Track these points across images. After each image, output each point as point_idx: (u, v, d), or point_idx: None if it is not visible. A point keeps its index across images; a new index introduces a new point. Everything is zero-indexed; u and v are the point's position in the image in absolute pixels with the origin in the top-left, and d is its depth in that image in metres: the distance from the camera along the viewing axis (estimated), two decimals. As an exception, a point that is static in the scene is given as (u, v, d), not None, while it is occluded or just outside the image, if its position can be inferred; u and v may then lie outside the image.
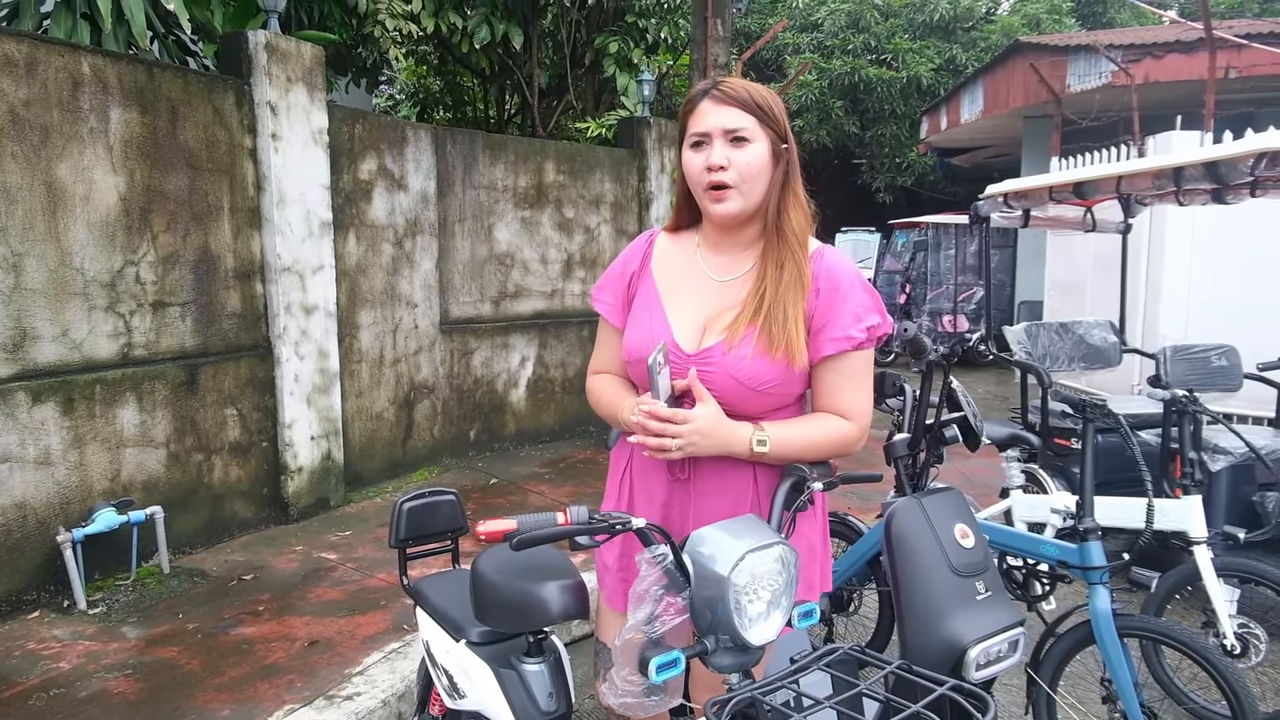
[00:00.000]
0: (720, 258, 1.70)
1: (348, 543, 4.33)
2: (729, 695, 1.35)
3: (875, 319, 1.63)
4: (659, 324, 1.67)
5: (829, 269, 1.64)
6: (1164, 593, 3.10)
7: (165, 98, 3.99)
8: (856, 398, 1.65)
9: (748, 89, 1.60)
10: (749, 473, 1.66)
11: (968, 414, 2.26)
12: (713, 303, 1.67)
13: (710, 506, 1.65)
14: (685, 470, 1.67)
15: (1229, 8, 17.31)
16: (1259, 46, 7.66)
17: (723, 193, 1.59)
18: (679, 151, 1.68)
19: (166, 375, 4.04)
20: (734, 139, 1.58)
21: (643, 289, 1.74)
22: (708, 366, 1.59)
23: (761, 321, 1.58)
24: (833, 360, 1.61)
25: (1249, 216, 5.38)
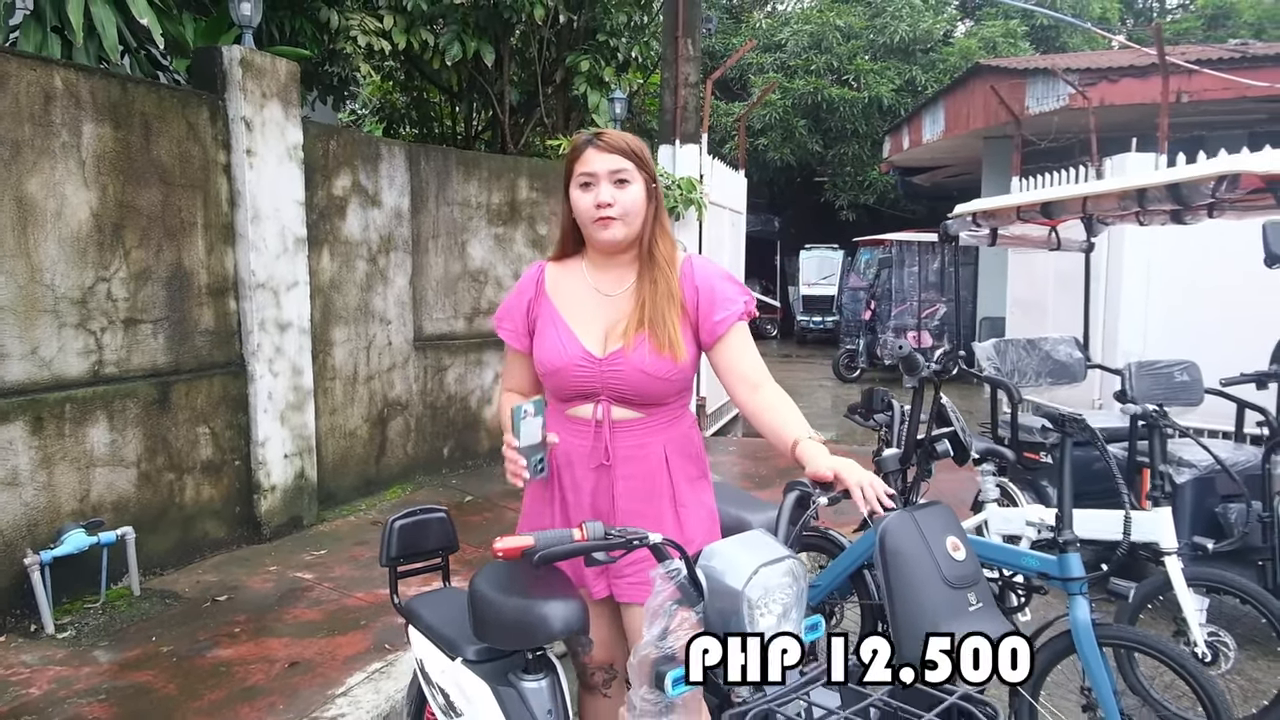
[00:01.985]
0: (606, 275, 2.00)
1: (323, 562, 4.27)
2: (745, 707, 1.36)
3: (745, 297, 1.97)
4: (566, 336, 1.96)
5: (699, 270, 1.98)
6: (1137, 603, 3.18)
7: (139, 113, 3.94)
8: (754, 358, 1.97)
9: (624, 139, 1.92)
10: (660, 452, 1.97)
11: (957, 429, 2.32)
12: (606, 314, 1.97)
13: (631, 487, 1.95)
14: (609, 456, 1.94)
15: (1175, 34, 17.93)
16: (1209, 72, 7.95)
17: (610, 223, 1.89)
18: (565, 191, 1.96)
19: (138, 393, 3.97)
20: (617, 180, 1.88)
21: (543, 312, 2.01)
22: (618, 366, 1.90)
23: (648, 327, 1.89)
24: (725, 336, 1.94)
25: (1203, 237, 5.57)
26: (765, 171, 18.33)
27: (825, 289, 17.63)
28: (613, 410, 1.94)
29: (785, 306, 19.97)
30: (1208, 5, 18.76)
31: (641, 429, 1.95)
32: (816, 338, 17.78)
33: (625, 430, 1.95)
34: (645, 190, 1.92)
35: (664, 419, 1.97)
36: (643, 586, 1.92)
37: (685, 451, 2.02)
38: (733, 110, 16.74)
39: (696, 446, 2.07)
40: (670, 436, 1.99)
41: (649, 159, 1.96)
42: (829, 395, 11.54)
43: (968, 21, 20.22)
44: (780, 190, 20.73)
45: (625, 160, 1.89)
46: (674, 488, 1.98)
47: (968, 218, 4.93)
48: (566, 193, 1.96)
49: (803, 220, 21.28)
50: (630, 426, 1.95)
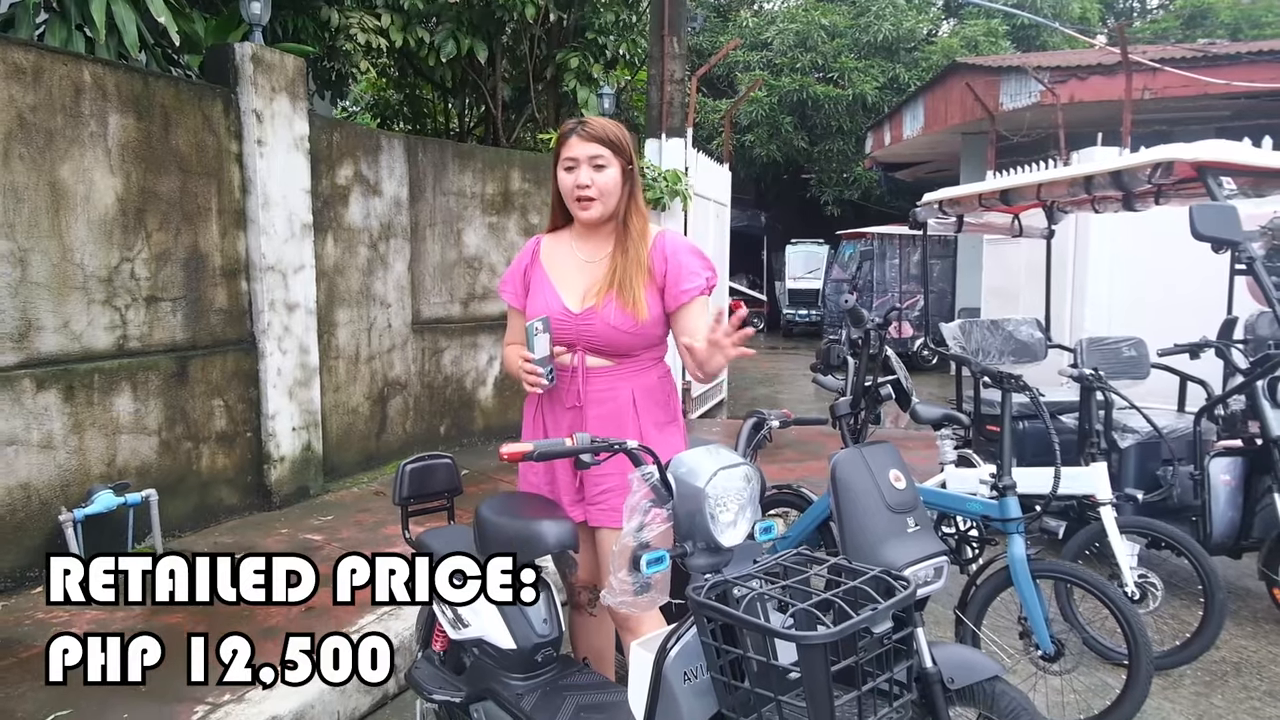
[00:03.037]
0: (588, 245, 2.32)
1: (331, 526, 4.56)
2: (707, 581, 1.68)
3: (708, 272, 2.27)
4: (550, 294, 2.29)
5: (670, 244, 2.28)
6: (1076, 548, 3.51)
7: (159, 105, 4.22)
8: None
9: (604, 127, 2.22)
10: (628, 395, 2.26)
11: (899, 376, 2.64)
12: (586, 278, 2.27)
13: (601, 426, 2.23)
14: (580, 398, 2.25)
15: (1154, 34, 18.34)
16: (1171, 70, 8.31)
17: (589, 203, 2.21)
18: (554, 172, 2.28)
19: (159, 366, 4.25)
20: (595, 165, 2.20)
21: (535, 277, 2.36)
22: (591, 320, 2.21)
23: (616, 289, 2.20)
24: (687, 305, 2.23)
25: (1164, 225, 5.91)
26: (752, 168, 18.67)
27: (810, 283, 17.99)
28: (587, 359, 2.25)
29: (772, 301, 20.31)
30: (1185, 5, 19.16)
31: (611, 375, 2.26)
32: (802, 330, 18.13)
33: (597, 376, 2.25)
34: (621, 173, 2.24)
35: (633, 368, 2.28)
36: (611, 512, 2.25)
37: (653, 398, 2.32)
38: (719, 107, 17.06)
39: (666, 395, 2.37)
40: (639, 384, 2.29)
41: (627, 144, 2.26)
42: (811, 383, 11.88)
43: (951, 21, 20.58)
44: (767, 186, 21.07)
45: (603, 147, 2.21)
46: (641, 429, 2.27)
47: (935, 205, 5.26)
48: (554, 172, 2.31)
49: (789, 216, 21.63)
50: (602, 373, 2.26)
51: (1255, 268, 3.54)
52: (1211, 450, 4.03)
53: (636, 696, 1.80)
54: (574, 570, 2.41)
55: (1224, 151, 3.85)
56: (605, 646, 2.52)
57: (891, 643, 1.57)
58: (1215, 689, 3.25)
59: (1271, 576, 3.76)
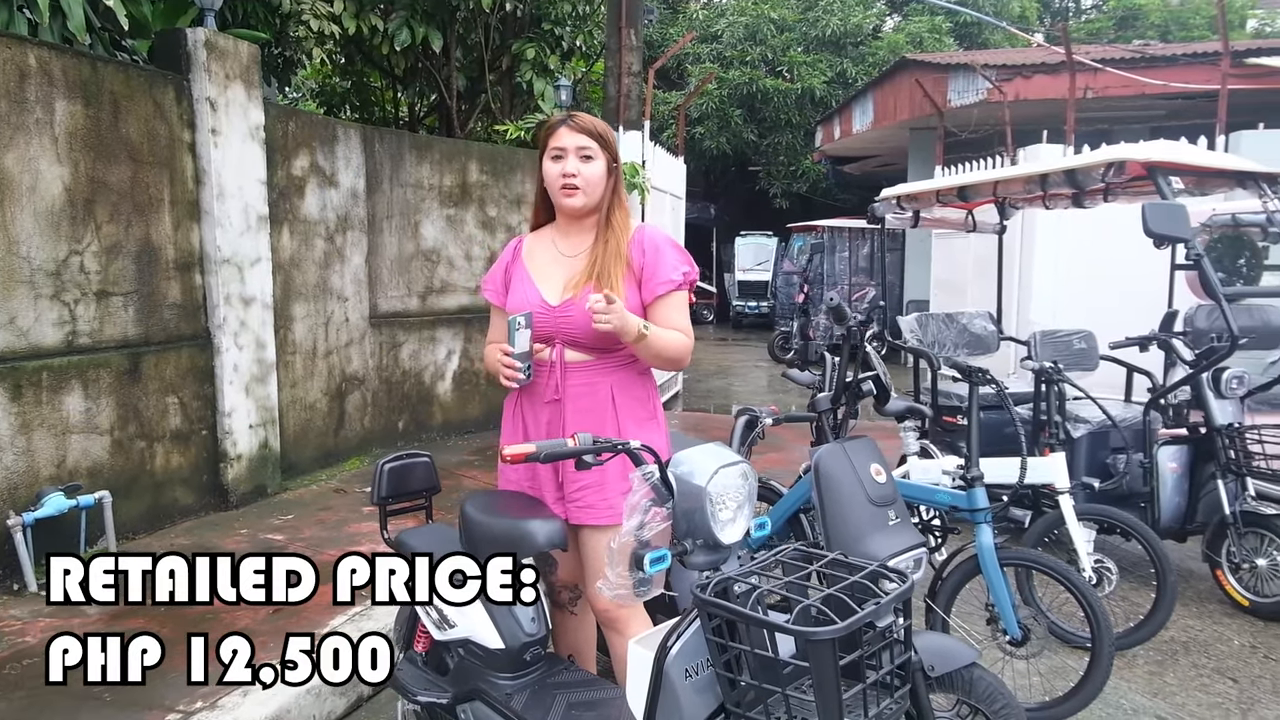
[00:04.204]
0: (569, 240, 2.32)
1: (292, 525, 4.47)
2: (709, 579, 1.69)
3: (686, 267, 2.27)
4: (530, 289, 2.29)
5: (649, 238, 2.29)
6: (1036, 535, 3.63)
7: (108, 91, 4.07)
8: (684, 322, 2.28)
9: (592, 122, 2.26)
10: (607, 391, 2.26)
11: (879, 372, 2.69)
12: (566, 272, 2.27)
13: (580, 421, 2.23)
14: (560, 392, 2.25)
15: (1088, 33, 18.88)
16: (1112, 70, 8.58)
17: (573, 191, 2.22)
18: (540, 163, 2.29)
19: (110, 363, 4.11)
20: (583, 156, 2.22)
21: (516, 273, 2.36)
22: (569, 312, 2.21)
23: (595, 280, 2.19)
24: (663, 299, 2.24)
25: (1106, 221, 6.12)
26: (701, 160, 18.73)
27: (760, 275, 18.15)
28: (566, 352, 2.24)
29: (721, 292, 20.44)
30: (1118, 6, 19.77)
31: (590, 370, 2.25)
32: (752, 322, 18.29)
33: (576, 370, 2.25)
34: (606, 167, 2.26)
35: (613, 363, 2.26)
36: (591, 510, 2.25)
37: (632, 394, 2.30)
38: (669, 99, 17.08)
39: (646, 391, 2.36)
40: (618, 379, 2.27)
41: (613, 142, 2.30)
42: (765, 374, 12.01)
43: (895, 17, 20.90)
44: (716, 178, 21.18)
45: (591, 140, 2.23)
46: (620, 424, 2.26)
47: (892, 201, 5.35)
48: (540, 164, 2.30)
49: (737, 208, 21.78)
50: (581, 367, 2.25)
51: (1202, 264, 3.69)
52: (1159, 439, 4.20)
53: (636, 695, 1.80)
54: (554, 569, 2.41)
55: (1173, 152, 4.00)
56: (586, 644, 2.52)
57: (893, 636, 1.61)
58: (1167, 668, 3.39)
59: (1215, 559, 3.94)
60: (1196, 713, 3.06)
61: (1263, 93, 8.25)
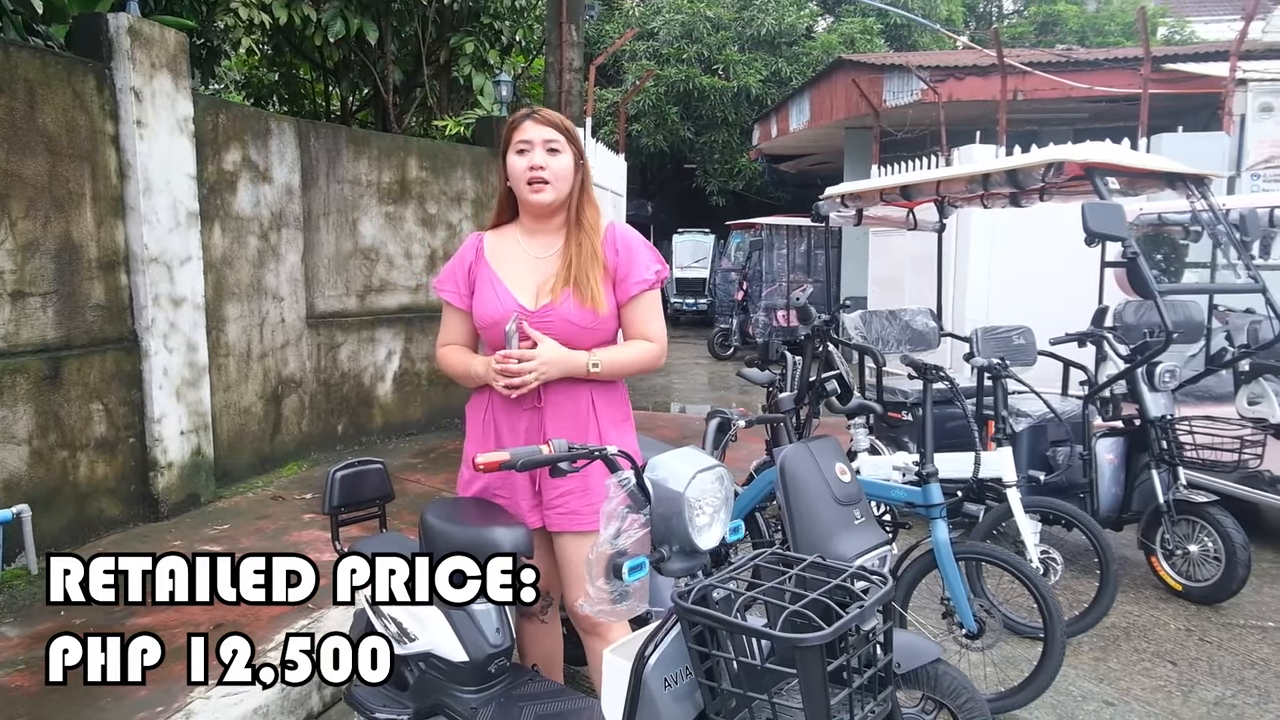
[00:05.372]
0: (536, 240, 2.23)
1: (229, 535, 4.29)
2: (689, 586, 1.65)
3: (658, 265, 2.22)
4: (502, 293, 2.18)
5: (621, 236, 2.22)
6: (986, 527, 3.70)
7: (22, 79, 3.83)
8: (656, 324, 2.24)
9: (557, 116, 2.19)
10: (588, 398, 2.19)
11: (842, 372, 2.69)
12: (537, 274, 2.19)
13: (561, 428, 2.15)
14: (540, 400, 2.16)
15: (1010, 37, 19.45)
16: (1040, 73, 8.84)
17: (541, 186, 2.13)
18: (503, 159, 2.20)
19: (28, 368, 3.87)
20: (549, 149, 2.14)
21: (481, 275, 2.24)
22: (549, 317, 2.13)
23: (573, 283, 2.12)
24: (636, 299, 2.20)
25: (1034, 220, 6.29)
26: (638, 157, 18.70)
27: (698, 272, 18.23)
28: None
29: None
30: (1039, 13, 20.42)
31: (563, 376, 2.14)
32: (690, 319, 18.36)
33: (557, 378, 2.14)
34: (573, 162, 2.18)
35: None
36: (571, 516, 2.19)
37: (611, 398, 2.26)
38: (606, 96, 17.01)
39: (621, 393, 2.32)
40: (599, 385, 2.22)
41: (578, 137, 2.23)
42: (705, 372, 12.06)
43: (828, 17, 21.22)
44: (652, 176, 21.18)
45: (557, 133, 2.15)
46: (600, 429, 2.21)
47: (837, 199, 5.40)
48: (504, 161, 2.20)
49: (674, 205, 21.83)
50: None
51: (1138, 262, 3.80)
52: (1096, 432, 4.33)
53: (612, 706, 1.76)
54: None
55: (1109, 153, 4.13)
56: (554, 652, 2.47)
57: (876, 639, 1.60)
58: (1110, 653, 3.49)
59: (1149, 546, 4.08)
60: (1141, 696, 3.15)
61: (1180, 97, 8.61)
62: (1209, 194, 4.31)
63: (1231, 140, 7.52)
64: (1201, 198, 4.29)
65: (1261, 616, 3.83)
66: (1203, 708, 3.07)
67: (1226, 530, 3.76)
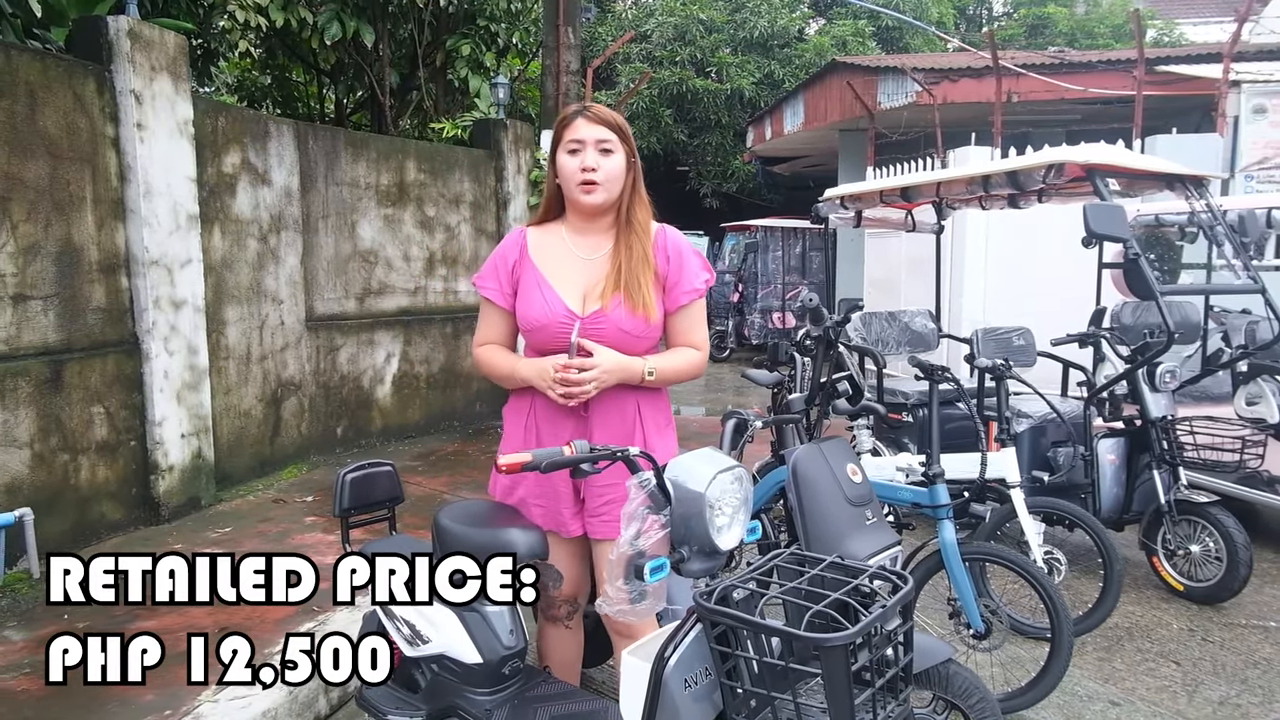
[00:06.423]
0: (585, 240, 2.16)
1: (230, 539, 4.27)
2: (711, 586, 1.66)
3: (706, 275, 2.19)
4: (551, 296, 2.10)
5: (672, 242, 2.18)
6: (990, 528, 3.71)
7: (23, 82, 3.81)
8: (701, 332, 2.22)
9: (610, 113, 2.11)
10: (634, 407, 2.14)
11: (853, 373, 2.70)
12: (585, 276, 2.12)
13: (608, 434, 2.10)
14: (587, 409, 2.10)
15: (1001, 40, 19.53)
16: (1034, 75, 8.89)
17: (593, 187, 2.07)
18: (553, 157, 2.14)
19: (29, 372, 3.85)
20: (602, 149, 2.07)
21: (526, 273, 2.16)
22: (600, 324, 2.07)
23: (624, 289, 2.06)
24: (685, 307, 2.16)
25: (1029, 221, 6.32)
26: (634, 160, 18.69)
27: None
28: None
29: (654, 292, 20.41)
30: (1029, 15, 20.52)
31: (619, 384, 2.08)
32: (685, 321, 18.34)
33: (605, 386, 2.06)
34: (626, 161, 2.11)
35: None
36: (615, 524, 2.15)
37: (656, 403, 2.21)
38: (599, 99, 17.02)
39: (664, 398, 2.27)
40: (643, 390, 2.16)
41: (630, 135, 2.15)
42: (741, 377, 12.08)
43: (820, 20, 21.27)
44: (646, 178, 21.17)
45: (610, 132, 2.08)
46: (645, 435, 2.15)
47: (836, 201, 5.42)
48: (553, 158, 2.14)
49: (667, 207, 21.70)
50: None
51: (1140, 263, 3.83)
52: (1098, 432, 4.35)
53: (631, 707, 1.76)
54: (559, 584, 2.27)
55: (1110, 155, 4.15)
56: (575, 657, 2.45)
57: (897, 639, 1.61)
58: (1114, 653, 3.51)
59: (1151, 546, 4.10)
60: (1146, 696, 3.17)
61: (1171, 99, 8.66)
62: (1208, 195, 4.34)
63: (1225, 142, 7.57)
64: (1200, 199, 4.32)
65: (1263, 616, 3.85)
66: (1208, 707, 3.09)
67: (1228, 530, 3.78)
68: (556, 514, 2.18)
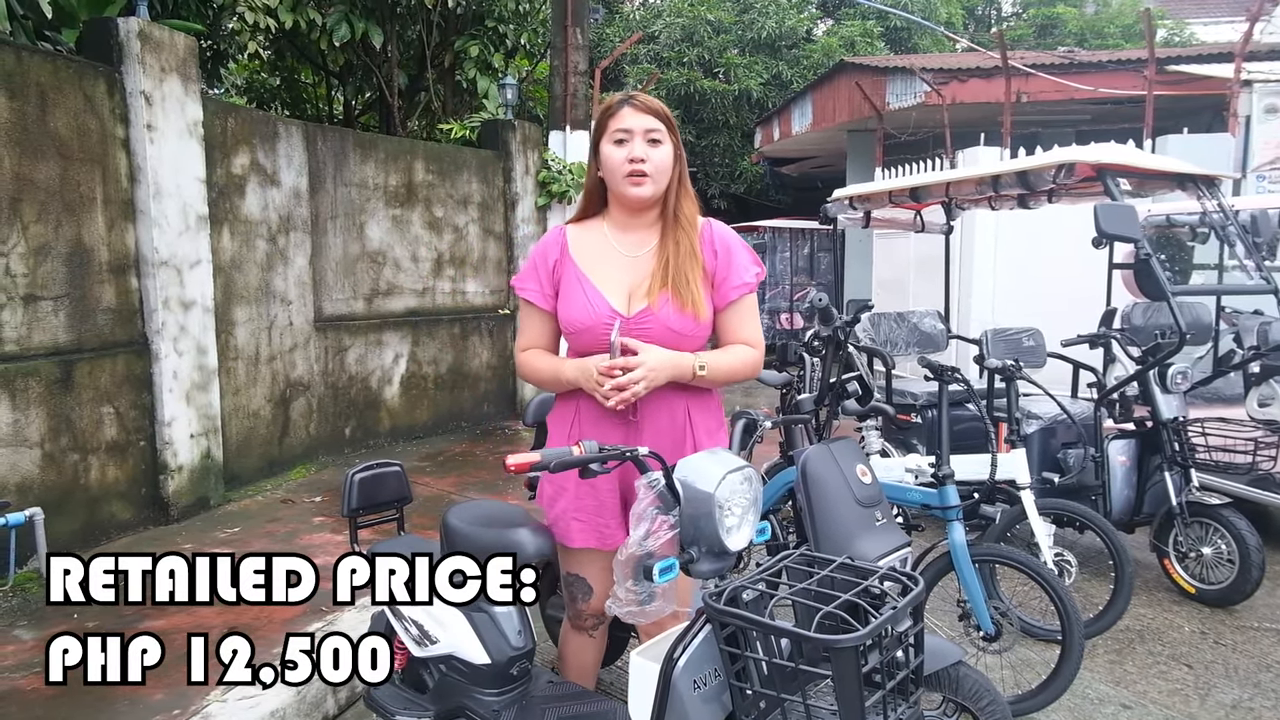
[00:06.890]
0: (629, 236, 2.06)
1: (239, 539, 4.28)
2: (720, 586, 1.65)
3: (756, 269, 2.09)
4: (594, 296, 2.01)
5: (719, 236, 2.08)
6: (1000, 529, 3.69)
7: (34, 83, 3.83)
8: (755, 328, 2.12)
9: (657, 103, 2.01)
10: (684, 410, 2.05)
11: (862, 373, 2.69)
12: (630, 274, 2.02)
13: (657, 441, 1.99)
14: (635, 413, 2.01)
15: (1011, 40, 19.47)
16: (1043, 75, 8.85)
17: (642, 179, 1.97)
18: (595, 148, 2.04)
19: (40, 372, 3.87)
20: (650, 140, 1.97)
21: (567, 274, 2.06)
22: (647, 323, 1.97)
23: (671, 287, 1.96)
24: (735, 303, 2.05)
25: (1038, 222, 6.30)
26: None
27: None
28: None
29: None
30: (1038, 15, 20.45)
31: (666, 386, 1.97)
32: (692, 322, 18.31)
33: (654, 389, 1.95)
34: (674, 153, 2.01)
35: None
36: None
37: (706, 406, 2.11)
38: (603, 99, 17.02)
39: (716, 401, 2.17)
40: (693, 392, 2.06)
41: (676, 126, 2.04)
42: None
43: (828, 20, 21.24)
44: (654, 179, 21.16)
45: (659, 121, 1.98)
46: (695, 440, 2.05)
47: (845, 201, 5.40)
48: (596, 151, 2.03)
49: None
50: (659, 386, 1.96)
51: (1152, 263, 3.80)
52: (1108, 434, 4.32)
53: (640, 708, 1.75)
54: (589, 598, 2.21)
55: (1121, 155, 4.12)
56: (595, 664, 2.42)
57: (908, 641, 1.59)
58: (1126, 656, 3.49)
59: (1162, 548, 4.07)
60: (1158, 699, 3.14)
61: (1181, 99, 8.62)
62: (1219, 195, 4.31)
63: (1236, 142, 7.53)
64: (1212, 199, 4.29)
65: (1276, 619, 3.82)
66: (1220, 711, 3.06)
67: (1240, 532, 3.75)
68: (600, 526, 2.08)
